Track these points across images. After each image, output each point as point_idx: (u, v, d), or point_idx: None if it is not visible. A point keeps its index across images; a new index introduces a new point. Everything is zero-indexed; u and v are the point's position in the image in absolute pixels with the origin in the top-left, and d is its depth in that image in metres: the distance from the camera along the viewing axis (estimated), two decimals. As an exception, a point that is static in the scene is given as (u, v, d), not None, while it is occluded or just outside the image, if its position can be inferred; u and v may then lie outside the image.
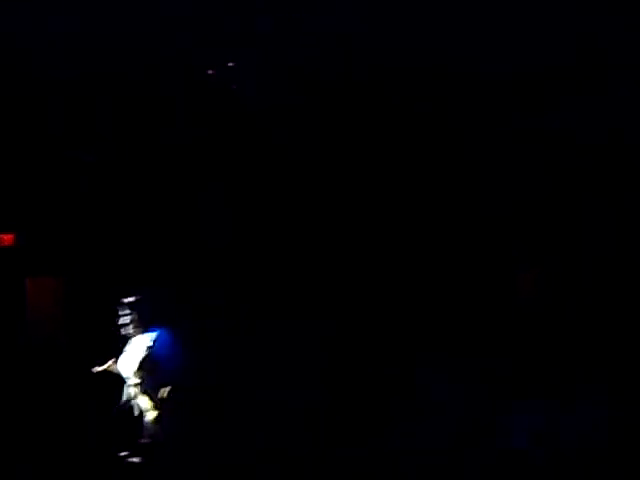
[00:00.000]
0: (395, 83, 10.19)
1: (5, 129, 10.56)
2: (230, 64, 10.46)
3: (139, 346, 7.46)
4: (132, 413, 7.48)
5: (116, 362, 7.57)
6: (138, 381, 7.40)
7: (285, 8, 9.27)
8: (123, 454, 7.46)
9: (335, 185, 10.90)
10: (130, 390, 7.49)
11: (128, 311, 7.49)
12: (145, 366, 7.36)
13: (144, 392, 7.40)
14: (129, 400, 7.49)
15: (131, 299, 7.56)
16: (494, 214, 10.73)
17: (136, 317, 7.49)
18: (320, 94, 10.42)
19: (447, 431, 8.19)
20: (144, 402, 7.42)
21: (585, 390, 9.01)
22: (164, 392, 7.33)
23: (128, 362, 7.49)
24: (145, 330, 7.53)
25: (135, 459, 7.42)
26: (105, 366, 7.58)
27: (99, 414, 8.27)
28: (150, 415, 7.39)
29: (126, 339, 7.59)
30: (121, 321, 7.49)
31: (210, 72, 10.57)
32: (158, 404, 7.37)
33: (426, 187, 10.87)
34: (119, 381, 7.64)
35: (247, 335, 10.15)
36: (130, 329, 7.52)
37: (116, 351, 7.68)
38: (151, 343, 7.38)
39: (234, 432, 8.33)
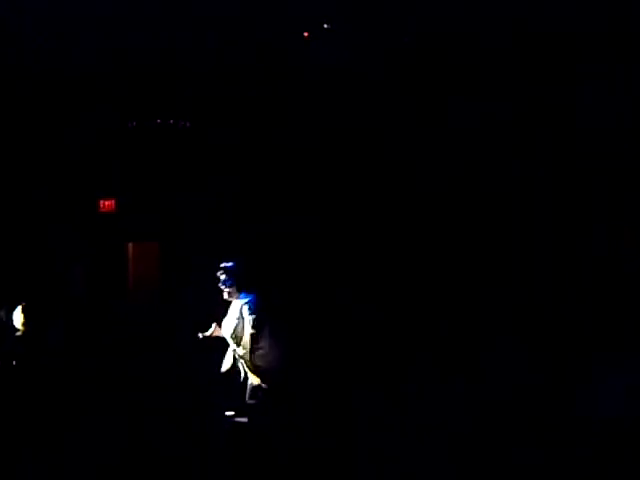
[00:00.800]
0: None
1: (104, 99, 10.77)
2: (326, 26, 10.38)
3: (234, 311, 7.58)
4: (238, 375, 7.61)
5: (219, 326, 7.70)
6: (235, 346, 7.52)
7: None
8: (229, 414, 7.62)
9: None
10: (233, 353, 7.63)
11: (225, 275, 7.58)
12: (239, 331, 7.47)
13: (242, 356, 7.51)
14: (234, 363, 7.63)
15: (228, 264, 7.65)
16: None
17: (233, 281, 7.58)
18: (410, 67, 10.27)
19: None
20: (245, 365, 7.54)
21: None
22: (259, 357, 7.43)
23: (227, 326, 7.63)
24: (240, 295, 7.62)
25: (241, 419, 7.58)
26: (209, 332, 7.72)
27: (203, 377, 8.42)
28: (253, 378, 7.50)
29: (228, 303, 7.71)
30: (220, 285, 7.59)
31: (305, 35, 10.53)
32: (257, 368, 7.46)
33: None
34: (224, 344, 7.78)
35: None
36: (228, 293, 7.63)
37: (218, 315, 7.82)
38: (245, 308, 7.47)
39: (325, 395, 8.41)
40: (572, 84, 10.07)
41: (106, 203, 11.43)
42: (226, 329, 7.61)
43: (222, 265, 7.62)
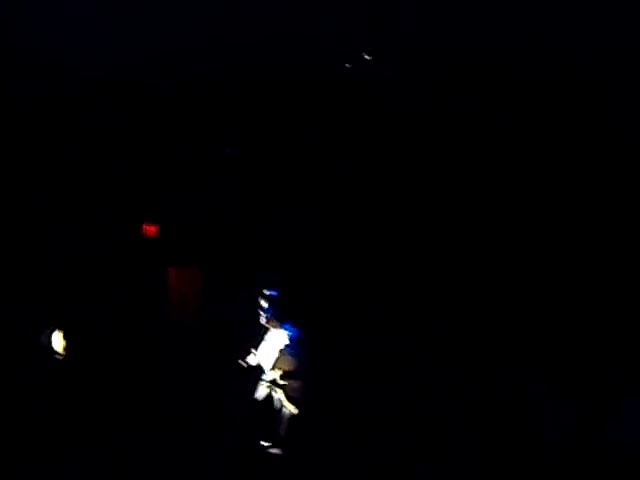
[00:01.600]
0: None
1: (149, 128, 10.96)
2: (367, 57, 10.45)
3: (274, 342, 7.54)
4: (272, 405, 7.59)
5: (255, 353, 7.67)
6: (274, 377, 7.50)
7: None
8: (264, 444, 7.58)
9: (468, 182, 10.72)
10: (268, 384, 7.61)
11: (267, 303, 7.58)
12: (279, 365, 7.45)
13: (280, 387, 7.50)
14: (269, 393, 7.62)
15: (270, 292, 7.64)
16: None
17: (274, 310, 7.57)
18: (456, 89, 10.27)
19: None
20: (282, 396, 7.52)
21: None
22: (296, 389, 7.43)
23: (265, 356, 7.60)
24: (281, 325, 7.59)
25: (275, 450, 7.55)
26: (250, 359, 7.69)
27: (238, 404, 8.42)
28: (288, 409, 7.48)
29: (265, 329, 7.69)
30: (260, 312, 7.60)
31: (347, 66, 10.60)
32: (295, 400, 7.45)
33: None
34: (259, 372, 7.77)
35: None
36: (267, 320, 7.61)
37: (254, 341, 7.81)
38: (286, 341, 7.45)
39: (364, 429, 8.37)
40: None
41: (150, 228, 11.60)
42: (264, 358, 7.58)
43: (265, 292, 7.62)
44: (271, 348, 7.54)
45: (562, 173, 10.34)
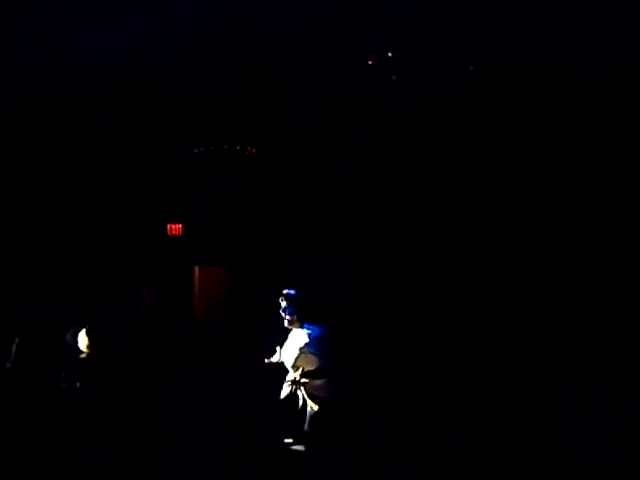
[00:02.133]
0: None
1: (173, 130, 10.99)
2: (390, 54, 10.39)
3: (296, 341, 7.52)
4: (296, 403, 7.56)
5: (280, 352, 7.66)
6: (296, 375, 7.47)
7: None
8: (287, 442, 7.56)
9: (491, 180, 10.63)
10: (291, 382, 7.58)
11: (286, 302, 7.54)
12: (299, 363, 7.42)
13: (302, 385, 7.47)
14: (293, 390, 7.59)
15: (290, 291, 7.61)
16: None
17: (293, 310, 7.53)
18: (478, 86, 10.20)
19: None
20: (304, 394, 7.49)
21: None
22: (319, 387, 7.38)
23: (287, 355, 7.58)
24: (302, 324, 7.55)
25: (298, 447, 7.51)
26: (275, 358, 7.66)
27: (261, 402, 8.41)
28: (311, 407, 7.45)
29: (288, 330, 7.67)
30: (281, 312, 7.56)
31: (370, 62, 10.55)
32: (317, 398, 7.42)
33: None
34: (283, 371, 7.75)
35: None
36: (288, 321, 7.58)
37: (279, 340, 7.80)
38: (307, 340, 7.41)
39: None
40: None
41: (174, 227, 11.61)
42: (287, 357, 7.57)
43: (284, 292, 7.60)
44: (293, 349, 7.50)
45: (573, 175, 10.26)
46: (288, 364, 7.55)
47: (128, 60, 9.78)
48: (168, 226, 11.61)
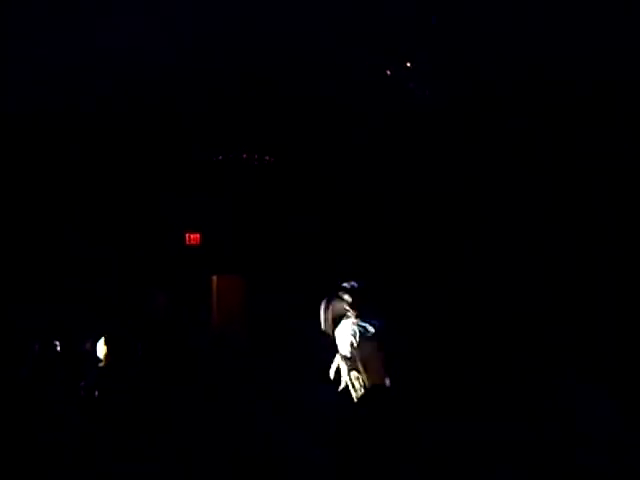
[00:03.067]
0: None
1: (188, 136, 11.02)
2: (408, 64, 10.39)
3: (345, 332, 7.55)
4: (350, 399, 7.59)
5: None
6: (346, 367, 7.50)
7: (462, 9, 9.13)
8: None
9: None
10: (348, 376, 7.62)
11: (349, 297, 7.56)
12: (357, 355, 7.44)
13: (349, 375, 7.50)
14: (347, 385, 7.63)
15: (351, 284, 7.64)
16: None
17: (357, 302, 7.55)
18: (495, 95, 10.17)
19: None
20: (352, 383, 7.54)
21: None
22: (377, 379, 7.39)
23: (342, 347, 7.60)
24: (363, 316, 7.56)
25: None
26: (335, 366, 7.70)
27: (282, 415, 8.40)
28: (356, 394, 7.48)
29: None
30: (345, 306, 7.56)
31: (388, 72, 10.55)
32: (362, 387, 7.46)
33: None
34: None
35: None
36: (355, 315, 7.60)
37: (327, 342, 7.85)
38: (370, 331, 7.44)
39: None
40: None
41: (192, 236, 11.65)
42: (342, 348, 7.59)
43: (345, 285, 7.60)
44: (342, 339, 7.53)
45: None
46: (344, 355, 7.56)
47: (138, 63, 9.80)
48: (186, 235, 11.65)
